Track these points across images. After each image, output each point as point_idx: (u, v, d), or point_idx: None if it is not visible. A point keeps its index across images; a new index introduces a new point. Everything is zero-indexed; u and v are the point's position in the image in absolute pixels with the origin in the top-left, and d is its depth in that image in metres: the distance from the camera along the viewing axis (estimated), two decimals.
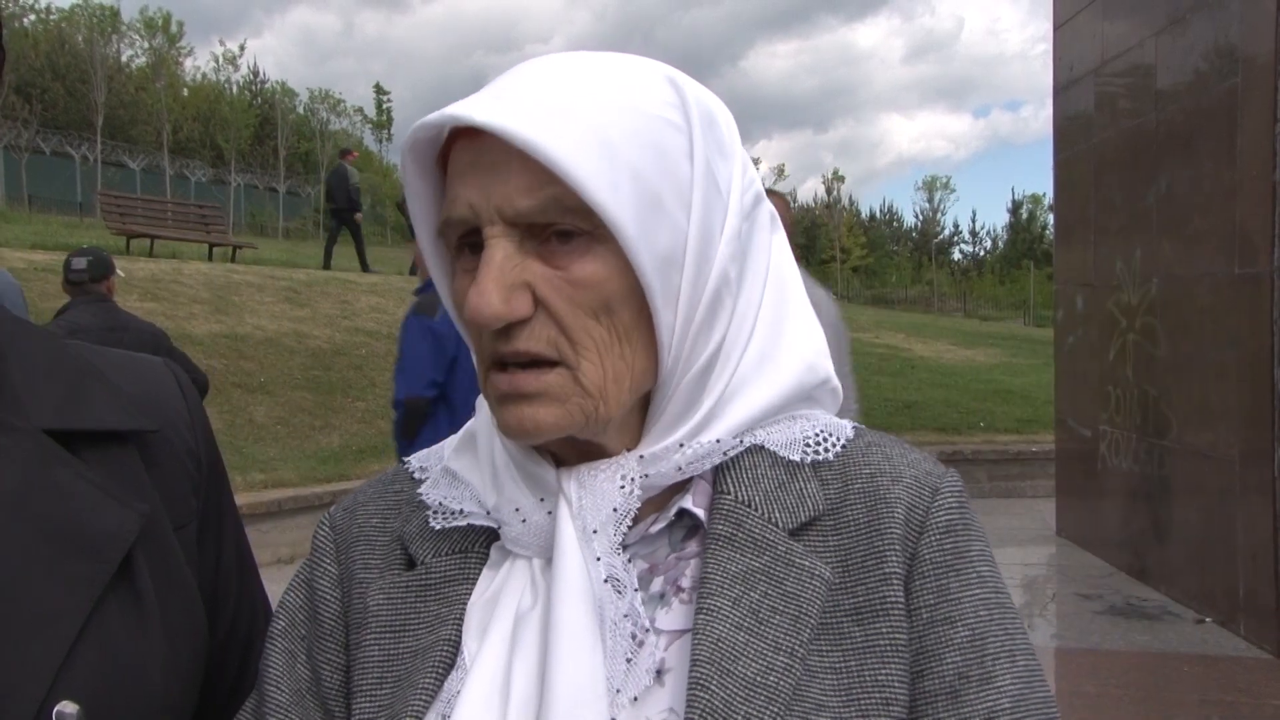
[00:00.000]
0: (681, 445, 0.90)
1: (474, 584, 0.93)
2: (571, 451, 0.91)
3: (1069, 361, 9.02)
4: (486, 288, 0.82)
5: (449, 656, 0.90)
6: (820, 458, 0.94)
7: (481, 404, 1.00)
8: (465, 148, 0.86)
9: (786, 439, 0.94)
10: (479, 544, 0.95)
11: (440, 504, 0.97)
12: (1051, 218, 13.80)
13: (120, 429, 1.02)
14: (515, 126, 0.80)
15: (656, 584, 0.91)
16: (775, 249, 0.97)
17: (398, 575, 0.97)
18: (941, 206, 78.15)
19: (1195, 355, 6.68)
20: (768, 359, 0.94)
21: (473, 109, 0.83)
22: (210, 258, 17.91)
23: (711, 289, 0.89)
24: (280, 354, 11.72)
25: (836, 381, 1.00)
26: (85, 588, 0.90)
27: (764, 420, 0.94)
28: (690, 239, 0.87)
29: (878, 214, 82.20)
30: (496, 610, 0.90)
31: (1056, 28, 9.23)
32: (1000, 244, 79.84)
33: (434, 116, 0.85)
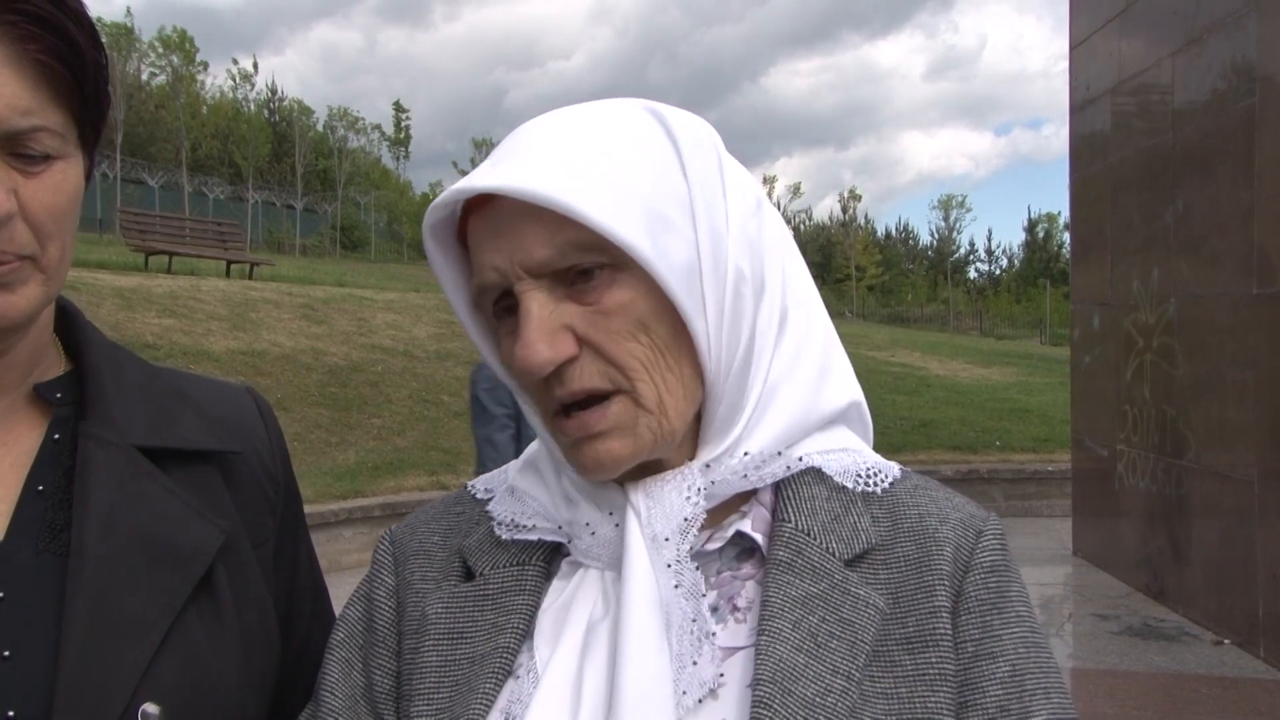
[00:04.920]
0: (746, 454, 0.95)
1: (531, 595, 0.97)
2: (635, 468, 0.94)
3: (1085, 381, 8.99)
4: (530, 339, 0.87)
5: (507, 663, 0.94)
6: (870, 489, 0.99)
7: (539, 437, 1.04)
8: (480, 219, 0.92)
9: (841, 467, 1.00)
10: (536, 558, 0.99)
11: (511, 519, 1.02)
12: (1068, 236, 13.77)
13: (206, 449, 1.08)
14: (518, 183, 0.86)
15: (710, 598, 0.94)
16: (790, 255, 1.02)
17: (455, 586, 1.01)
18: (957, 225, 78.02)
19: (1214, 375, 6.65)
20: (800, 358, 0.99)
21: (475, 179, 0.88)
22: (228, 274, 18.01)
23: (731, 285, 0.93)
24: (297, 371, 11.77)
25: (867, 413, 1.06)
26: (170, 597, 0.96)
27: (811, 425, 0.99)
28: (702, 245, 0.91)
29: (893, 232, 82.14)
30: (569, 618, 0.94)
31: (1073, 47, 9.24)
32: (1016, 262, 79.63)
33: (444, 195, 0.92)
